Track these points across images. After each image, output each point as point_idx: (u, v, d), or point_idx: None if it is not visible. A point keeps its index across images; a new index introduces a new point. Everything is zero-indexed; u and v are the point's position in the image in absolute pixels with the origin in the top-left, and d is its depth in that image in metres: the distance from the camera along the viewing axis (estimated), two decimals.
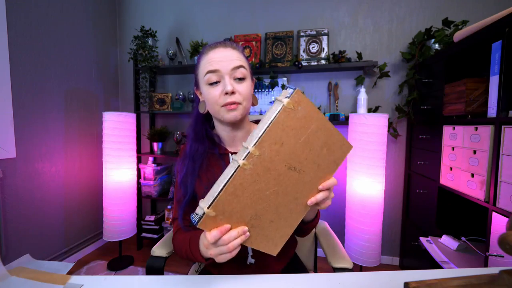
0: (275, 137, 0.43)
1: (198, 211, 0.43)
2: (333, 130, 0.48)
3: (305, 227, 0.66)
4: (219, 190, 0.41)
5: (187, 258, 0.61)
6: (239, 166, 0.41)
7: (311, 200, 0.50)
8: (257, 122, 0.80)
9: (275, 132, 0.42)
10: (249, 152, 0.41)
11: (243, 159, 0.41)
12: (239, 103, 0.60)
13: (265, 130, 0.41)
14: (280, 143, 0.43)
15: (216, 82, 0.61)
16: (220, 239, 0.44)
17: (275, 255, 0.52)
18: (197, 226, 0.42)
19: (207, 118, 0.73)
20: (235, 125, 0.67)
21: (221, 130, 0.70)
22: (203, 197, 0.44)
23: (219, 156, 0.69)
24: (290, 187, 0.48)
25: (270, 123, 0.41)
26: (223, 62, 0.60)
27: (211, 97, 0.61)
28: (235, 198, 0.43)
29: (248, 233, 0.46)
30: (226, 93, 0.59)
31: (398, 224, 1.85)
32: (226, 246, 0.44)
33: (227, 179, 0.41)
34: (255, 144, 0.41)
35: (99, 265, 1.79)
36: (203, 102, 0.67)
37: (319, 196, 0.50)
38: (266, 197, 0.46)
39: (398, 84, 1.77)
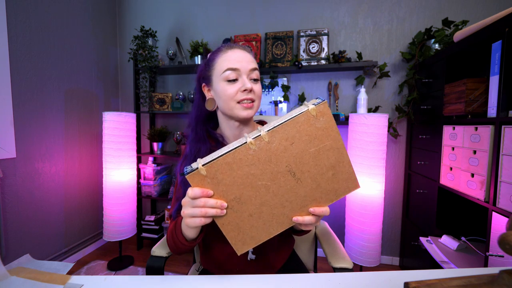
0: (288, 134, 0.43)
1: (193, 165, 0.44)
2: (345, 158, 0.47)
3: (293, 234, 0.67)
4: (219, 155, 0.43)
5: (173, 243, 0.61)
6: (245, 142, 0.43)
7: (297, 218, 0.48)
8: (260, 122, 0.81)
9: (289, 129, 0.43)
10: (260, 134, 0.43)
11: (252, 138, 0.43)
12: (253, 101, 0.65)
13: (282, 122, 0.43)
14: (291, 142, 0.44)
15: (234, 80, 0.63)
16: (198, 199, 0.45)
17: (238, 255, 0.51)
18: (186, 177, 0.43)
19: (209, 118, 0.74)
20: (244, 122, 0.69)
21: (227, 128, 0.70)
22: None
23: None
24: (282, 190, 0.47)
25: (289, 119, 0.43)
26: (242, 63, 0.64)
27: (228, 94, 0.63)
28: (229, 170, 0.44)
29: (224, 211, 0.45)
30: (245, 90, 0.62)
31: (398, 224, 1.85)
32: (199, 209, 0.45)
33: (230, 148, 0.43)
34: (268, 131, 0.43)
35: (99, 265, 1.79)
36: (212, 99, 0.68)
37: (306, 219, 0.48)
38: (256, 186, 0.46)
39: (398, 84, 1.77)
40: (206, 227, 0.64)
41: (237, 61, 0.63)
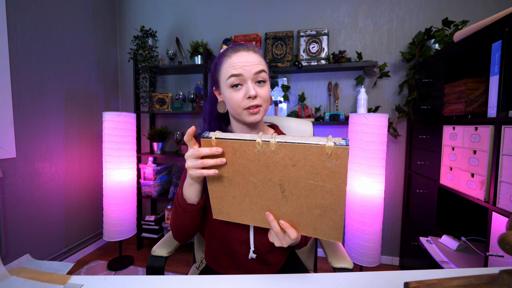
0: (294, 155, 0.44)
1: (211, 134, 0.50)
2: (339, 207, 0.46)
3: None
4: (232, 137, 0.48)
5: (175, 214, 0.65)
6: (255, 140, 0.46)
7: (269, 215, 0.51)
8: (271, 126, 0.83)
9: (298, 152, 0.44)
10: (269, 141, 0.45)
11: (262, 140, 0.45)
12: (260, 106, 0.64)
13: (294, 142, 0.43)
14: (293, 163, 0.45)
15: (239, 85, 0.63)
16: (199, 152, 0.51)
17: (213, 218, 0.59)
18: (200, 138, 0.51)
19: (221, 114, 0.76)
20: (253, 125, 0.70)
21: (237, 129, 0.72)
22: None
23: None
24: (267, 196, 0.50)
25: (302, 142, 0.43)
26: (246, 67, 0.62)
27: (234, 100, 0.64)
28: (232, 153, 0.49)
29: (217, 171, 0.51)
30: (249, 97, 0.62)
31: (398, 224, 1.85)
32: (200, 161, 0.51)
33: (241, 138, 0.47)
34: (278, 142, 0.44)
35: (99, 265, 1.79)
36: (223, 102, 0.70)
37: (273, 224, 0.51)
38: (247, 179, 0.50)
39: (398, 84, 1.77)
40: (211, 222, 0.68)
41: (240, 66, 0.62)
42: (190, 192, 0.60)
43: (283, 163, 0.45)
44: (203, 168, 0.52)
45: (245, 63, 0.62)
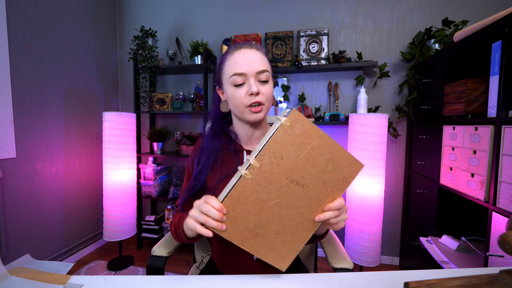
0: (274, 152, 0.46)
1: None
2: (337, 147, 0.49)
3: (316, 240, 0.68)
4: (224, 196, 0.47)
5: (175, 235, 0.65)
6: (241, 175, 0.46)
7: (319, 217, 0.51)
8: (272, 124, 0.81)
9: (274, 147, 0.46)
10: (250, 163, 0.45)
11: (245, 170, 0.46)
12: (262, 104, 0.64)
13: (264, 144, 0.45)
14: (280, 157, 0.46)
15: (241, 84, 0.63)
16: (204, 204, 0.48)
17: (284, 270, 0.53)
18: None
19: (225, 115, 0.76)
20: (255, 124, 0.69)
21: (240, 128, 0.72)
22: (215, 189, 0.53)
23: (234, 152, 0.71)
24: (294, 200, 0.49)
25: (269, 139, 0.45)
26: (249, 65, 0.62)
27: (237, 98, 0.63)
28: (239, 204, 0.47)
29: (224, 226, 0.48)
30: (251, 94, 0.62)
31: (398, 224, 1.85)
32: (203, 216, 0.48)
33: (231, 186, 0.46)
34: (255, 157, 0.45)
35: (99, 265, 1.79)
36: (225, 101, 0.70)
37: (327, 214, 0.50)
38: (269, 207, 0.48)
39: (398, 84, 1.77)
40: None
41: (243, 64, 0.62)
42: (189, 233, 0.60)
43: (274, 166, 0.46)
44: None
45: (248, 61, 0.62)
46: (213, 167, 0.70)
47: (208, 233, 0.48)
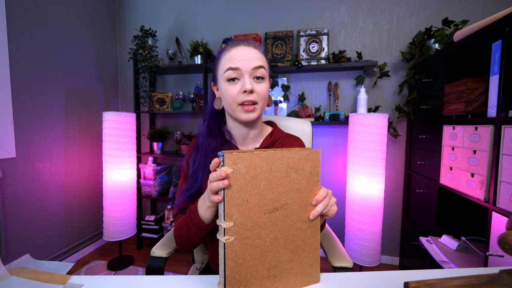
0: (237, 203, 0.44)
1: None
2: (286, 154, 0.47)
3: None
4: (223, 272, 0.44)
5: (187, 235, 0.60)
6: (224, 243, 0.43)
7: (313, 214, 0.50)
8: (267, 123, 0.80)
9: (235, 200, 0.44)
10: (224, 228, 0.43)
11: (224, 236, 0.43)
12: (256, 103, 0.62)
13: (223, 200, 0.43)
14: (246, 202, 0.44)
15: (235, 79, 0.61)
16: (213, 183, 0.44)
17: (319, 282, 0.52)
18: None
19: (221, 114, 0.74)
20: (249, 124, 0.67)
21: (234, 128, 0.70)
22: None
23: None
24: (284, 224, 0.48)
25: (224, 194, 0.43)
26: (244, 61, 0.60)
27: (229, 94, 0.62)
28: (242, 266, 0.45)
29: (227, 181, 0.44)
30: (245, 91, 0.60)
31: (398, 224, 1.85)
32: (222, 182, 0.44)
33: (223, 260, 0.43)
34: (224, 218, 0.43)
35: (99, 265, 1.79)
36: (219, 98, 0.68)
37: (318, 208, 0.50)
38: (268, 247, 0.47)
39: (398, 84, 1.77)
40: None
41: (239, 59, 0.61)
42: (208, 214, 0.56)
43: (246, 212, 0.44)
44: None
45: (244, 57, 0.61)
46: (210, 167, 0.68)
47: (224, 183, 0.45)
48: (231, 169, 0.43)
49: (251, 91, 0.60)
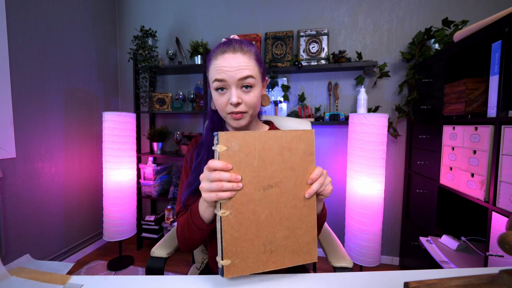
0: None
1: (219, 265, 0.47)
2: (279, 133, 0.48)
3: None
4: (220, 245, 0.46)
5: (187, 232, 0.60)
6: (220, 217, 0.45)
7: (309, 192, 0.50)
8: (266, 122, 0.81)
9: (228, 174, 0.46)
10: (219, 202, 0.46)
11: (220, 210, 0.46)
12: (244, 113, 0.62)
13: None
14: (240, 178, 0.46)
15: (224, 89, 0.62)
16: (213, 172, 0.46)
17: (316, 261, 0.53)
18: (225, 277, 0.47)
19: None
20: (243, 127, 0.68)
21: (231, 128, 0.73)
22: None
23: None
24: (279, 201, 0.49)
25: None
26: (230, 72, 0.59)
27: (219, 104, 0.63)
28: (238, 240, 0.47)
29: (241, 184, 0.46)
30: (232, 104, 0.60)
31: (398, 224, 1.85)
32: (216, 183, 0.46)
33: (220, 233, 0.46)
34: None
35: (99, 265, 1.79)
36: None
37: (314, 186, 0.50)
38: (263, 223, 0.48)
39: (398, 84, 1.77)
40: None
41: (225, 71, 0.59)
42: (208, 213, 0.56)
43: (242, 186, 0.46)
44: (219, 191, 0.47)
45: (229, 68, 0.59)
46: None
47: (225, 195, 0.46)
48: (225, 147, 0.45)
49: (238, 103, 0.60)
